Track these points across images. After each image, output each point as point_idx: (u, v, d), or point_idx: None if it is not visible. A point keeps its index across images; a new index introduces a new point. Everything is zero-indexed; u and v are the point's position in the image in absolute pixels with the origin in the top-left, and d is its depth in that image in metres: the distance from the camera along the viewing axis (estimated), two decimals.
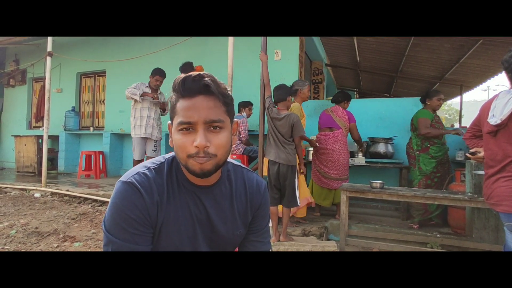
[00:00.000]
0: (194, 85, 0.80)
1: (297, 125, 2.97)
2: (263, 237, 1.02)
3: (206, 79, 0.80)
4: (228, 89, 0.87)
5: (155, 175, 0.86)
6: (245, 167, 1.03)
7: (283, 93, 3.06)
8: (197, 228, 0.89)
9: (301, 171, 3.18)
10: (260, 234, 1.02)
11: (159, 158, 0.91)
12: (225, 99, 0.84)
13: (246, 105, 4.56)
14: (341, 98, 3.85)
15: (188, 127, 0.79)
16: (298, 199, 2.98)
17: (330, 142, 3.61)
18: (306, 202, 3.40)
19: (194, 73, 0.82)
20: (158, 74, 4.29)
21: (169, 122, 0.88)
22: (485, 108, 1.88)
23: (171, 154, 0.92)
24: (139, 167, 0.87)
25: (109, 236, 0.79)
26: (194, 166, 0.80)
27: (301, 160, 3.13)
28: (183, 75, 0.82)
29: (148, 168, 0.86)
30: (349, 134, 3.79)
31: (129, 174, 0.84)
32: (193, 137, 0.79)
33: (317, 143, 3.59)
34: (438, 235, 3.08)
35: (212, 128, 0.80)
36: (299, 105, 3.40)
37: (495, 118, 1.74)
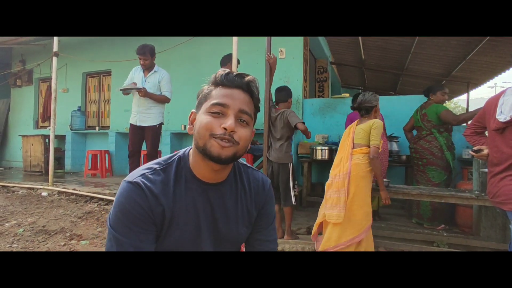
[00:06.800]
0: (237, 79, 0.86)
1: (292, 115, 2.94)
2: (269, 235, 1.02)
3: (250, 77, 0.88)
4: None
5: (162, 175, 0.86)
6: (251, 166, 1.04)
7: (285, 95, 3.07)
8: (202, 226, 0.89)
9: (384, 199, 2.61)
10: (266, 233, 1.02)
11: (166, 158, 0.92)
12: (257, 104, 0.91)
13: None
14: None
15: (219, 111, 0.83)
16: (293, 198, 2.95)
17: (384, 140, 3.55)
18: (363, 235, 2.48)
19: (238, 72, 0.89)
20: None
21: (193, 110, 0.91)
22: (491, 104, 1.85)
23: (178, 154, 0.93)
24: (145, 168, 0.87)
25: (113, 232, 0.80)
26: (213, 147, 0.81)
27: (377, 176, 2.55)
28: (225, 70, 0.89)
29: (155, 170, 0.87)
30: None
31: (134, 174, 0.85)
32: (221, 121, 0.82)
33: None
34: (445, 234, 3.06)
35: (240, 120, 0.85)
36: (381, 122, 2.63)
37: (503, 115, 1.71)
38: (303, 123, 2.91)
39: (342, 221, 2.45)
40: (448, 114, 3.42)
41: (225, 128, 0.80)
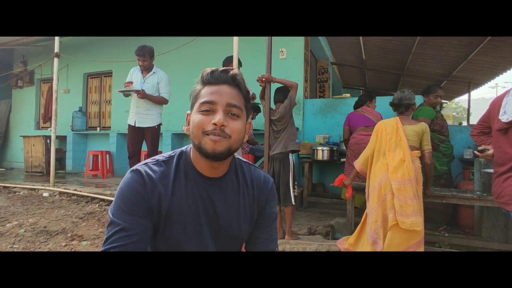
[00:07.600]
0: (222, 75, 0.89)
1: (281, 107, 2.99)
2: (269, 234, 1.03)
3: (234, 71, 0.90)
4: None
5: (164, 167, 0.91)
6: (253, 164, 1.06)
7: (282, 96, 3.09)
8: (202, 220, 0.90)
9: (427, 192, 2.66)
10: (267, 232, 1.02)
11: (169, 152, 0.96)
12: (246, 95, 0.92)
13: (255, 109, 4.57)
14: (362, 102, 3.87)
15: (209, 108, 0.85)
16: (292, 198, 2.93)
17: None
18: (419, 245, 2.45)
19: (223, 68, 0.91)
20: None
21: (188, 112, 0.94)
22: (495, 104, 1.84)
23: (181, 149, 0.97)
24: (150, 159, 0.92)
25: (111, 217, 0.84)
26: (207, 145, 0.84)
27: (429, 179, 2.65)
28: (211, 68, 0.91)
29: (157, 161, 0.92)
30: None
31: (139, 164, 0.90)
32: (212, 117, 0.85)
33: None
34: (447, 234, 3.05)
35: (230, 114, 0.86)
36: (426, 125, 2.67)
37: (506, 115, 1.71)
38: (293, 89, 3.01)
39: None
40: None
41: (215, 124, 0.83)
